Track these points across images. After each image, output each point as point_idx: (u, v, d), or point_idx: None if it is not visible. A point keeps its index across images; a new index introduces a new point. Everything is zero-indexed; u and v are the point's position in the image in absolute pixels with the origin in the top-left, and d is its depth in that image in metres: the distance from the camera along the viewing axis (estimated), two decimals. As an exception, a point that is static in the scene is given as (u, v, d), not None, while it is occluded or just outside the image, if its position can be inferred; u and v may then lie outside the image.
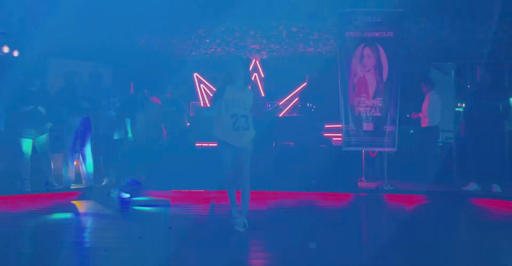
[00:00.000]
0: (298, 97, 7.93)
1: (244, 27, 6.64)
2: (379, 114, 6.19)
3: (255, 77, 8.40)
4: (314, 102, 7.90)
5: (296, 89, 8.10)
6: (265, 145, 6.34)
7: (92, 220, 4.73)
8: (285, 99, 8.08)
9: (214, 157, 4.45)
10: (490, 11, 5.96)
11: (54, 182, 6.12)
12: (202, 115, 6.40)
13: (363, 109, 6.23)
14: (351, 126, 6.25)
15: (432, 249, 3.52)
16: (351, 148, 6.26)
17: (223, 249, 3.56)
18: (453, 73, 8.34)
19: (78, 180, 6.35)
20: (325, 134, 7.18)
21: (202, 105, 8.17)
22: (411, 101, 7.30)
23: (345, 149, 6.26)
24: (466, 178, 6.37)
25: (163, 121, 7.16)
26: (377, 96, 6.20)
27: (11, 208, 5.24)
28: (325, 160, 6.35)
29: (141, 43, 7.34)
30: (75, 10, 6.21)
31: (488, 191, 5.91)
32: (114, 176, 6.25)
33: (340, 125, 6.37)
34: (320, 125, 6.91)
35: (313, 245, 3.53)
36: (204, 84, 8.45)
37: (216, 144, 4.20)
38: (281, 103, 7.61)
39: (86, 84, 6.68)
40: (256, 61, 8.44)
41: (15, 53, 7.08)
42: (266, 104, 6.76)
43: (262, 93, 7.91)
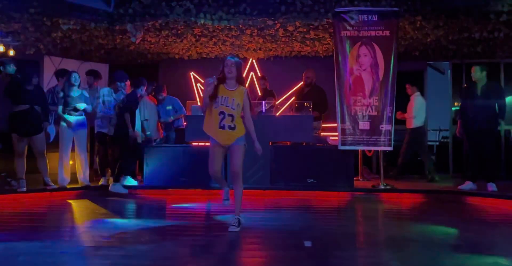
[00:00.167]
0: (294, 96, 7.93)
1: (240, 26, 6.64)
2: (375, 113, 6.20)
3: (252, 77, 8.41)
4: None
5: (293, 88, 8.11)
6: (261, 144, 6.31)
7: (87, 220, 4.71)
8: (281, 99, 8.09)
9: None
10: (486, 10, 5.98)
11: (50, 181, 6.11)
12: (198, 114, 6.40)
13: (359, 108, 6.24)
14: (348, 125, 6.26)
15: (427, 248, 3.53)
16: (348, 147, 6.27)
17: (220, 248, 3.56)
18: (449, 72, 8.37)
19: (74, 180, 6.34)
20: (321, 133, 7.19)
21: (199, 104, 8.16)
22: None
23: (341, 148, 6.27)
24: (461, 176, 6.40)
25: (160, 120, 7.17)
26: (373, 95, 6.21)
27: (7, 208, 5.22)
28: (321, 159, 6.37)
29: (137, 42, 7.31)
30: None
31: (483, 189, 5.93)
32: (117, 171, 6.27)
33: (336, 124, 6.37)
34: (316, 125, 6.91)
35: (308, 244, 3.54)
36: (200, 83, 8.45)
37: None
38: (277, 103, 7.61)
39: (82, 83, 6.66)
40: (252, 60, 8.44)
41: (11, 52, 7.07)
42: (262, 103, 6.75)
43: (259, 92, 7.91)
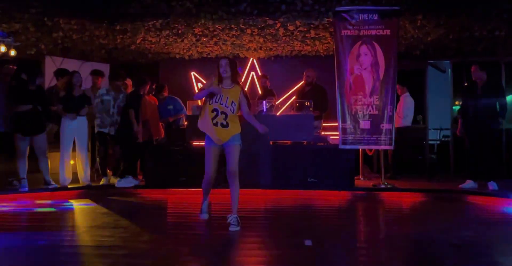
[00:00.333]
0: (295, 95, 7.93)
1: (241, 26, 6.64)
2: (376, 113, 6.20)
3: (252, 76, 8.41)
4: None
5: (293, 87, 8.11)
6: (262, 143, 6.34)
7: (89, 219, 4.72)
8: (282, 98, 8.09)
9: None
10: (487, 9, 5.98)
11: (51, 181, 6.13)
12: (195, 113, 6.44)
13: (360, 107, 6.24)
14: (348, 125, 6.26)
15: (428, 247, 3.54)
16: (348, 146, 6.27)
17: (220, 247, 3.56)
18: (450, 71, 8.36)
19: (75, 179, 6.35)
20: (322, 132, 7.19)
21: (200, 104, 8.17)
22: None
23: (342, 147, 6.27)
24: (462, 175, 6.40)
25: (161, 120, 7.18)
26: (373, 94, 6.21)
27: (9, 208, 5.23)
28: (322, 158, 6.37)
29: (138, 42, 7.33)
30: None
31: (484, 188, 5.93)
32: (122, 168, 6.36)
33: (337, 123, 6.37)
34: (317, 124, 6.92)
35: (309, 243, 3.54)
36: (201, 83, 8.46)
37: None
38: (278, 102, 7.62)
39: (84, 83, 6.68)
40: (253, 59, 8.44)
41: (12, 52, 7.08)
42: (263, 103, 6.76)
43: (259, 91, 7.91)
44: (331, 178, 6.25)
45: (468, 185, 6.05)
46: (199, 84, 8.47)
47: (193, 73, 8.56)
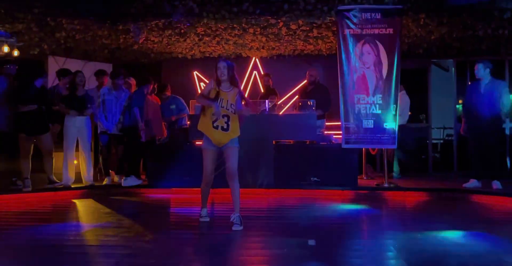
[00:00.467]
0: (298, 95, 7.92)
1: (243, 25, 6.64)
2: (379, 112, 6.18)
3: (255, 75, 8.40)
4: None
5: (296, 86, 8.10)
6: (265, 143, 6.34)
7: (92, 219, 4.73)
8: (285, 97, 8.08)
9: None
10: (490, 8, 5.95)
11: (55, 180, 6.14)
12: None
13: (363, 106, 6.22)
14: (351, 124, 6.25)
15: (432, 246, 3.52)
16: (351, 145, 6.26)
17: (223, 247, 3.56)
18: (453, 70, 8.33)
19: (78, 179, 6.37)
20: (325, 131, 7.18)
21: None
22: (411, 98, 7.30)
23: (344, 147, 6.26)
24: (466, 174, 6.38)
25: (163, 119, 7.19)
26: (377, 93, 6.19)
27: (13, 207, 5.25)
28: (325, 158, 6.36)
29: (140, 42, 7.33)
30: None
31: (488, 187, 5.91)
32: (128, 167, 6.40)
33: (340, 122, 6.36)
34: (320, 123, 6.91)
35: (312, 243, 3.54)
36: (203, 82, 8.46)
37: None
38: (280, 102, 7.61)
39: (87, 83, 6.69)
40: (256, 59, 8.44)
41: (15, 52, 7.10)
42: (266, 102, 6.75)
43: (262, 91, 7.91)
44: (334, 177, 6.24)
45: (472, 184, 6.03)
46: (202, 83, 8.48)
47: (195, 72, 8.57)
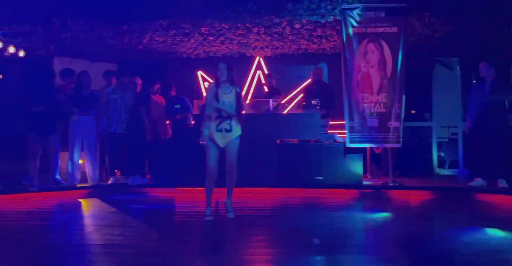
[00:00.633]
0: (302, 94, 7.92)
1: (247, 25, 6.64)
2: (384, 110, 6.17)
3: (259, 75, 8.40)
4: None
5: (300, 86, 8.09)
6: (269, 142, 6.35)
7: (97, 218, 4.76)
8: (289, 96, 8.08)
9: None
10: (495, 6, 5.92)
11: (61, 180, 6.17)
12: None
13: (367, 105, 6.21)
14: (356, 123, 6.24)
15: (437, 245, 3.52)
16: (355, 144, 6.25)
17: (228, 246, 3.57)
18: (458, 68, 8.29)
19: (83, 179, 6.40)
20: (329, 130, 7.17)
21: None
22: (416, 96, 7.27)
23: (349, 145, 6.25)
24: (471, 173, 6.35)
25: (168, 118, 7.21)
26: (381, 92, 6.18)
27: (19, 207, 5.28)
28: (329, 157, 6.35)
29: (145, 42, 7.36)
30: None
31: (494, 186, 5.88)
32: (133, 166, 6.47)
33: (344, 121, 6.36)
34: (324, 122, 6.90)
35: (317, 241, 3.54)
36: (208, 82, 8.47)
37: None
38: (284, 101, 7.61)
39: (92, 83, 6.72)
40: (259, 58, 8.44)
41: (21, 53, 7.14)
42: (270, 101, 6.76)
43: (266, 90, 7.91)
44: (339, 176, 6.24)
45: (477, 183, 6.01)
46: (206, 83, 8.49)
47: (200, 72, 8.58)
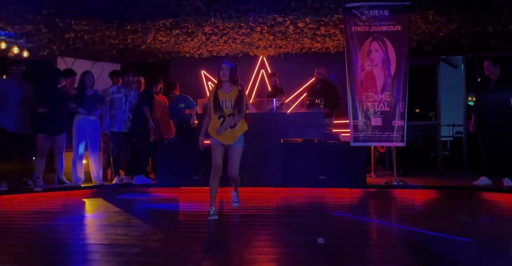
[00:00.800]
0: (306, 93, 7.90)
1: (250, 24, 6.63)
2: (387, 109, 6.15)
3: (262, 74, 8.39)
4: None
5: (303, 85, 8.07)
6: (273, 141, 6.34)
7: (102, 218, 4.76)
8: (292, 96, 8.06)
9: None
10: (499, 3, 5.89)
11: (65, 180, 6.19)
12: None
13: (371, 104, 6.19)
14: (360, 122, 6.22)
15: (441, 244, 3.50)
16: (359, 143, 6.23)
17: (232, 245, 3.57)
18: (462, 66, 8.26)
19: (87, 179, 6.41)
20: (333, 129, 7.16)
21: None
22: (419, 95, 7.25)
23: (353, 144, 6.23)
24: (476, 172, 6.32)
25: (172, 118, 7.22)
26: (385, 90, 6.15)
27: (24, 207, 5.30)
28: (333, 156, 6.34)
29: (148, 42, 7.37)
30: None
31: (499, 185, 5.85)
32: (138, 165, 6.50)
33: (348, 120, 6.34)
34: (328, 121, 6.89)
35: (321, 241, 3.53)
36: (211, 81, 8.47)
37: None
38: (288, 100, 7.60)
39: (96, 82, 6.74)
40: (263, 57, 8.43)
41: (25, 53, 7.17)
42: (273, 101, 6.75)
43: (270, 89, 7.90)
44: (343, 175, 6.22)
45: (482, 182, 5.98)
46: (210, 83, 8.49)
47: (203, 72, 8.57)
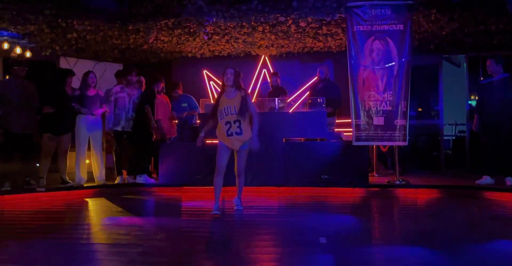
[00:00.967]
0: (308, 92, 7.90)
1: (252, 23, 6.63)
2: (390, 108, 6.14)
3: (264, 73, 8.39)
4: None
5: (306, 84, 8.07)
6: (275, 141, 6.34)
7: (104, 218, 4.78)
8: (295, 95, 8.06)
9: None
10: (501, 2, 5.86)
11: (67, 180, 6.21)
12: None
13: (374, 103, 6.18)
14: (362, 121, 6.22)
15: (444, 243, 3.49)
16: (362, 143, 6.23)
17: (235, 245, 3.58)
18: (465, 65, 8.23)
19: (90, 179, 6.43)
20: (335, 128, 7.15)
21: (212, 102, 8.20)
22: (422, 94, 7.24)
23: (355, 144, 6.23)
24: (479, 171, 6.31)
25: (174, 116, 7.23)
26: (387, 90, 6.15)
27: (27, 207, 5.32)
28: (335, 155, 6.33)
29: (150, 41, 7.37)
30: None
31: (501, 184, 5.84)
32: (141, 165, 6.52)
33: (350, 120, 6.33)
34: (330, 120, 6.88)
35: (323, 240, 3.53)
36: (213, 81, 8.48)
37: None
38: (290, 99, 7.60)
39: (98, 82, 6.75)
40: (265, 57, 8.43)
41: (27, 53, 7.19)
42: (275, 100, 6.75)
43: (270, 89, 7.90)
44: (345, 175, 6.22)
45: (484, 181, 5.97)
46: (212, 82, 8.50)
47: (205, 71, 8.59)
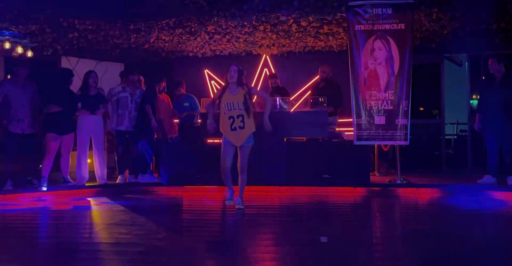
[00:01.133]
0: (309, 91, 7.89)
1: (253, 23, 6.63)
2: (391, 108, 6.14)
3: (265, 73, 8.38)
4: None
5: (307, 83, 8.06)
6: (276, 140, 6.33)
7: (106, 217, 4.79)
8: (296, 94, 8.05)
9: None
10: (503, 1, 5.85)
11: (69, 180, 6.22)
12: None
13: (375, 102, 6.18)
14: (363, 120, 6.22)
15: (445, 243, 3.49)
16: (363, 142, 6.22)
17: (236, 244, 3.58)
18: (466, 64, 8.22)
19: (92, 178, 6.43)
20: (337, 128, 7.15)
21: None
22: (423, 93, 7.22)
23: (357, 143, 6.22)
24: (481, 170, 6.30)
25: (175, 115, 7.23)
26: (388, 89, 6.14)
27: (28, 206, 5.32)
28: (337, 155, 6.33)
29: (151, 41, 7.38)
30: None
31: (503, 183, 5.83)
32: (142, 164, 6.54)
33: (351, 119, 6.33)
34: (332, 120, 6.88)
35: (324, 239, 3.53)
36: (214, 80, 8.47)
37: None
38: (292, 98, 7.59)
39: (100, 82, 6.76)
40: (266, 56, 8.42)
41: (29, 53, 7.19)
42: (277, 99, 6.74)
43: (270, 90, 7.89)
44: (346, 174, 6.20)
45: (486, 180, 5.96)
46: (213, 82, 8.49)
47: (206, 71, 8.58)
